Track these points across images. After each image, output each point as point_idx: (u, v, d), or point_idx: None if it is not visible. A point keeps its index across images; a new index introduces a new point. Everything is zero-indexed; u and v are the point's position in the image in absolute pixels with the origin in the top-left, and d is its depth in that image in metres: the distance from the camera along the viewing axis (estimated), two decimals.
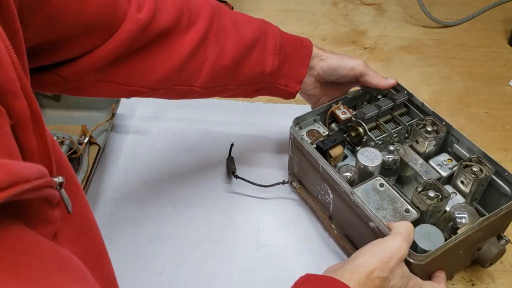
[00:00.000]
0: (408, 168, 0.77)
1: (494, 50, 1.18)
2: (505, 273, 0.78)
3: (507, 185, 0.71)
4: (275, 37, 0.72)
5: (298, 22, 1.29)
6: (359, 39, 1.23)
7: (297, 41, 0.75)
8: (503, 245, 0.72)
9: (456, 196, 0.73)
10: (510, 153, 0.95)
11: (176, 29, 0.64)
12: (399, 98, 0.82)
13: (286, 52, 0.73)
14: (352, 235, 0.74)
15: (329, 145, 0.75)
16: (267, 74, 0.72)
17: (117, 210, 0.87)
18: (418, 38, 1.23)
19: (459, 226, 0.67)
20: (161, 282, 0.77)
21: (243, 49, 0.69)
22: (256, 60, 0.70)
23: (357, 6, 1.34)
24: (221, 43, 0.68)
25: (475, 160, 0.73)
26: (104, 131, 0.94)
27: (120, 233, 0.83)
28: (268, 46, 0.71)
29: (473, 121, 1.02)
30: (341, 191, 0.71)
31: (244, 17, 0.73)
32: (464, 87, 1.09)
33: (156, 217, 0.86)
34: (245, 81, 0.73)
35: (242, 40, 0.69)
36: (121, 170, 0.93)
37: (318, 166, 0.74)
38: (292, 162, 0.83)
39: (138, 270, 0.79)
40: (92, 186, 0.90)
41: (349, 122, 0.80)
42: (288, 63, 0.73)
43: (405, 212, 0.68)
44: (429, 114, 0.80)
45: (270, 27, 0.73)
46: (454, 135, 0.77)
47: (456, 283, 0.77)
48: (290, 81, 0.74)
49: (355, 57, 0.79)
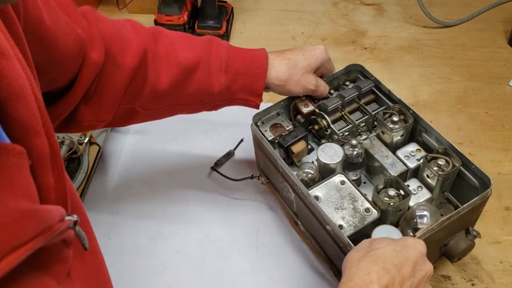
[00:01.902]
0: (375, 159, 0.74)
1: (494, 50, 1.18)
2: (505, 273, 0.78)
3: (475, 177, 0.69)
4: (220, 56, 0.71)
5: (298, 22, 1.29)
6: (359, 39, 1.23)
7: (249, 55, 0.73)
8: (471, 239, 0.69)
9: (422, 190, 0.70)
10: (510, 153, 0.95)
11: (109, 61, 0.64)
12: (365, 85, 0.79)
13: (237, 68, 0.71)
14: (315, 234, 0.73)
15: (290, 141, 0.73)
16: (218, 93, 0.72)
17: (117, 210, 0.87)
18: (418, 38, 1.23)
19: (419, 226, 0.65)
20: (161, 282, 0.77)
21: (182, 72, 0.69)
22: (199, 81, 0.70)
23: (357, 6, 1.34)
24: (158, 68, 0.68)
25: (442, 152, 0.70)
26: (104, 131, 0.94)
27: (120, 233, 0.83)
28: (212, 66, 0.70)
29: (473, 121, 1.02)
30: (299, 192, 0.69)
31: (185, 40, 0.72)
32: (464, 87, 1.09)
33: (156, 217, 0.86)
34: (193, 100, 0.72)
35: (181, 63, 0.69)
36: (121, 170, 0.93)
37: (277, 165, 0.72)
38: (257, 156, 0.81)
39: (138, 270, 0.79)
40: (92, 186, 0.90)
41: (313, 115, 0.78)
42: (241, 78, 0.72)
43: (365, 212, 0.66)
44: (396, 102, 0.77)
45: (214, 47, 0.72)
46: (422, 125, 0.75)
47: (456, 283, 0.77)
48: (248, 95, 0.73)
49: (302, 74, 0.75)
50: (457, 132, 0.99)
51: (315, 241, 0.74)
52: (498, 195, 0.88)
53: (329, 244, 0.68)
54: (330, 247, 0.69)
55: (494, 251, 0.81)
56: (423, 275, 0.55)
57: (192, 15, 1.23)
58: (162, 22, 1.19)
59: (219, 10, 1.20)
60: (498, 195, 0.88)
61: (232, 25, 1.27)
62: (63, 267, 0.38)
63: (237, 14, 1.30)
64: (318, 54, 0.76)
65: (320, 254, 0.77)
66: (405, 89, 1.09)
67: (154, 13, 1.21)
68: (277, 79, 0.73)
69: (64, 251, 0.37)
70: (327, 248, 0.72)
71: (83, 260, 0.44)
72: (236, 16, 1.30)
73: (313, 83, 0.75)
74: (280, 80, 0.73)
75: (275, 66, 0.73)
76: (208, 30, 1.19)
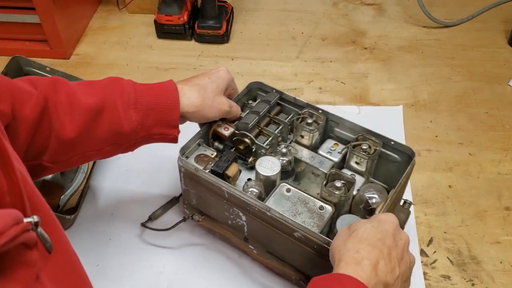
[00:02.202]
0: (301, 163, 0.76)
1: (494, 50, 1.18)
2: (504, 273, 0.78)
3: (395, 152, 0.75)
4: (126, 94, 0.68)
5: (298, 22, 1.29)
6: (359, 39, 1.23)
7: (157, 88, 0.71)
8: (407, 208, 0.75)
9: (356, 177, 0.74)
10: (510, 153, 0.95)
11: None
12: (272, 98, 0.81)
13: (147, 103, 0.69)
14: (275, 250, 0.73)
15: (224, 166, 0.72)
16: (131, 132, 0.68)
17: (117, 210, 0.87)
18: (418, 38, 1.23)
19: (373, 206, 0.69)
20: (161, 282, 0.78)
21: (88, 117, 0.65)
22: (108, 122, 0.67)
23: (357, 6, 1.34)
24: (61, 117, 0.64)
25: (361, 139, 0.75)
26: None
27: (120, 233, 0.83)
28: (119, 105, 0.67)
29: (473, 121, 1.02)
30: (255, 211, 0.68)
31: (86, 85, 0.69)
32: (464, 87, 1.09)
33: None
34: (106, 144, 0.69)
35: (85, 108, 0.65)
36: (121, 170, 0.93)
37: (222, 192, 0.70)
38: (187, 195, 0.78)
39: (138, 270, 0.79)
40: (92, 186, 0.90)
41: (234, 136, 0.78)
42: (153, 113, 0.69)
43: (320, 210, 0.68)
44: (303, 107, 0.80)
45: (118, 86, 0.69)
46: (333, 120, 0.79)
47: (456, 283, 0.77)
48: (164, 129, 0.70)
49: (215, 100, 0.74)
50: (457, 132, 0.99)
51: (275, 258, 0.74)
52: (498, 195, 0.88)
53: (297, 253, 0.68)
54: (298, 256, 0.69)
55: (494, 251, 0.81)
56: (403, 244, 0.59)
57: (192, 15, 1.23)
58: (162, 22, 1.19)
59: (219, 10, 1.20)
60: (498, 195, 0.88)
61: (232, 25, 1.27)
62: (29, 271, 0.36)
63: (237, 14, 1.30)
64: (223, 76, 0.76)
65: (280, 269, 0.75)
66: (405, 89, 1.09)
67: (154, 13, 1.21)
68: (191, 106, 0.71)
69: (27, 255, 0.36)
70: (293, 258, 0.71)
71: (54, 262, 0.42)
72: (236, 16, 1.30)
73: (226, 104, 0.75)
74: (194, 107, 0.71)
75: (185, 94, 0.71)
76: (208, 30, 1.19)
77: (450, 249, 0.81)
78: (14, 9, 1.13)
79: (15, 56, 0.93)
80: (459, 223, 0.85)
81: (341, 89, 1.10)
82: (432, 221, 0.85)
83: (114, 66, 1.17)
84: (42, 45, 1.18)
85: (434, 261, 0.80)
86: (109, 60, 1.19)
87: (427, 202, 0.88)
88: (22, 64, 0.94)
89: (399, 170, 0.75)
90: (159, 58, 1.19)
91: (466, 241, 0.82)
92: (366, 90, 1.09)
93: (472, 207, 0.87)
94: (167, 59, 1.18)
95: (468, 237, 0.83)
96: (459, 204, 0.87)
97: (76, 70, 1.15)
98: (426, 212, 0.86)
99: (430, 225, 0.84)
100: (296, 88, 1.10)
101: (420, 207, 0.87)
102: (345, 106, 1.05)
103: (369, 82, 1.11)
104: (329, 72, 1.14)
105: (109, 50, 1.21)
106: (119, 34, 1.25)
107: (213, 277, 0.78)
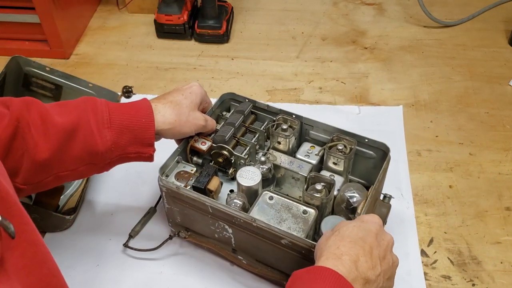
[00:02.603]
0: (281, 169, 0.77)
1: (494, 50, 1.18)
2: (505, 273, 0.78)
3: (371, 149, 0.76)
4: (100, 113, 0.67)
5: (298, 22, 1.29)
6: (359, 39, 1.23)
7: (131, 107, 0.70)
8: (388, 202, 0.77)
9: (334, 177, 0.75)
10: (510, 153, 0.95)
11: None
12: (245, 108, 0.81)
13: (121, 122, 0.68)
14: (265, 258, 0.73)
15: (205, 181, 0.72)
16: (105, 151, 0.67)
17: (117, 210, 0.87)
18: (419, 38, 1.23)
19: (355, 205, 0.70)
20: (161, 282, 0.77)
21: (62, 137, 0.65)
22: (82, 142, 0.66)
23: (357, 6, 1.34)
24: (35, 137, 0.63)
25: (336, 139, 0.76)
26: None
27: (120, 233, 0.83)
28: (93, 124, 0.66)
29: (473, 121, 1.01)
30: (240, 223, 0.68)
31: (59, 105, 0.68)
32: (464, 87, 1.09)
33: (156, 216, 0.86)
34: (80, 164, 0.68)
35: (59, 127, 0.65)
36: (121, 170, 0.93)
37: (206, 207, 0.70)
38: (171, 213, 0.78)
39: (138, 270, 0.79)
40: (92, 186, 0.90)
41: (212, 150, 0.77)
42: (128, 132, 0.68)
43: (303, 214, 0.69)
44: (277, 113, 0.80)
45: (91, 105, 0.68)
46: (307, 123, 0.79)
47: (456, 283, 0.77)
48: (139, 148, 0.70)
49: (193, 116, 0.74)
50: (457, 132, 0.99)
51: (264, 266, 0.74)
52: (498, 195, 0.88)
53: (286, 259, 0.69)
54: (287, 262, 0.69)
55: (495, 251, 0.80)
56: (386, 244, 0.60)
57: (192, 14, 1.22)
58: (162, 21, 1.19)
59: (219, 9, 1.20)
60: (498, 195, 0.88)
61: (232, 25, 1.27)
62: None
63: (237, 14, 1.30)
64: (197, 91, 0.76)
65: (270, 276, 0.75)
66: (405, 89, 1.09)
67: (154, 13, 1.21)
68: (166, 123, 0.71)
69: None
70: (283, 265, 0.71)
71: (21, 252, 0.43)
72: (236, 16, 1.29)
73: (202, 118, 0.75)
74: (169, 124, 0.71)
75: (160, 111, 0.71)
76: (208, 30, 1.19)
77: (450, 249, 0.81)
78: (14, 9, 1.13)
79: (15, 56, 0.93)
80: (460, 223, 0.84)
81: (341, 89, 1.09)
82: (432, 221, 0.85)
83: (113, 66, 1.16)
84: (42, 45, 1.18)
85: (435, 261, 0.80)
86: (109, 60, 1.18)
87: (427, 202, 0.87)
88: (22, 64, 0.94)
89: (375, 166, 0.77)
90: (159, 58, 1.18)
91: (467, 241, 0.82)
92: (366, 90, 1.09)
93: (473, 207, 0.87)
94: (167, 59, 1.18)
95: (468, 237, 0.83)
96: (460, 204, 0.87)
97: (76, 70, 1.15)
98: (426, 212, 0.86)
99: (430, 225, 0.84)
100: (296, 88, 1.10)
101: (420, 207, 0.87)
102: (345, 106, 1.05)
103: (369, 82, 1.11)
104: (329, 72, 1.14)
105: (109, 50, 1.21)
106: (119, 34, 1.25)
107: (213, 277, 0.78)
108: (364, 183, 0.79)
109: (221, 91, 0.98)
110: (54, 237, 0.83)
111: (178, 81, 1.12)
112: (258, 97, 0.83)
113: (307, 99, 1.07)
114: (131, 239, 0.82)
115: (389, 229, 0.80)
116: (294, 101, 1.06)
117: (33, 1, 1.08)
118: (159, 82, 1.12)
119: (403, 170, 0.92)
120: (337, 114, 1.03)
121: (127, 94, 0.92)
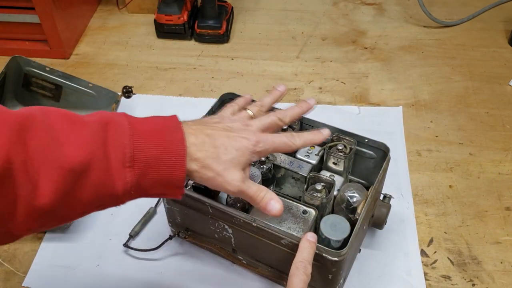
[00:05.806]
0: (281, 169, 0.77)
1: (494, 50, 1.18)
2: (505, 273, 0.78)
3: (371, 149, 0.77)
4: (122, 146, 0.52)
5: (298, 22, 1.29)
6: (359, 39, 1.23)
7: (161, 139, 0.55)
8: (388, 202, 0.77)
9: (334, 177, 0.75)
10: (510, 153, 0.95)
11: None
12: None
13: (147, 159, 0.53)
14: (264, 258, 0.73)
15: None
16: (123, 194, 0.54)
17: (117, 210, 0.87)
18: (418, 38, 1.23)
19: (354, 205, 0.70)
20: (161, 282, 0.77)
21: (69, 177, 0.49)
22: (95, 185, 0.51)
23: (357, 6, 1.34)
24: (33, 177, 0.48)
25: (336, 139, 0.76)
26: None
27: (120, 233, 0.83)
28: (111, 161, 0.52)
29: (473, 121, 1.01)
30: (240, 223, 0.68)
31: (71, 125, 0.52)
32: (464, 87, 1.09)
33: (156, 216, 0.86)
34: (91, 208, 0.54)
35: (66, 165, 0.49)
36: None
37: (206, 207, 0.70)
38: (171, 213, 0.77)
39: (138, 270, 0.79)
40: None
41: None
42: (153, 170, 0.54)
43: (303, 214, 0.69)
44: None
45: (111, 133, 0.53)
46: (307, 123, 0.80)
47: (456, 284, 0.77)
48: (166, 189, 0.56)
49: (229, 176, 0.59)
50: (457, 132, 0.99)
51: (264, 266, 0.74)
52: (498, 195, 0.88)
53: (286, 259, 0.68)
54: (287, 262, 0.67)
55: (495, 251, 0.81)
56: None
57: (192, 14, 1.23)
58: (162, 21, 1.19)
59: (219, 9, 1.20)
60: (498, 195, 0.88)
61: (232, 25, 1.27)
62: None
63: (237, 14, 1.30)
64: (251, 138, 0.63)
65: (271, 276, 0.75)
66: (405, 89, 1.09)
67: (154, 13, 1.21)
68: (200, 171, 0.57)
69: None
70: (283, 264, 0.71)
71: None
72: (236, 16, 1.29)
73: (236, 185, 0.63)
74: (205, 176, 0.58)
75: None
76: (208, 30, 1.19)
77: (450, 249, 0.81)
78: (14, 9, 1.13)
79: (15, 56, 0.93)
80: (460, 223, 0.85)
81: (341, 89, 1.09)
82: (432, 221, 0.85)
83: (114, 66, 1.17)
84: (41, 45, 1.18)
85: (435, 261, 0.80)
86: (109, 60, 1.18)
87: (427, 202, 0.88)
88: (22, 64, 0.94)
89: (375, 166, 0.77)
90: (159, 58, 1.18)
91: (467, 241, 0.82)
92: (366, 90, 1.09)
93: (473, 207, 0.87)
94: (167, 59, 1.18)
95: (468, 237, 0.83)
96: (460, 204, 0.87)
97: (76, 70, 1.15)
98: (426, 212, 0.86)
99: (430, 225, 0.84)
100: (296, 88, 1.10)
101: (420, 207, 0.87)
102: (345, 106, 1.05)
103: (369, 82, 1.11)
104: (329, 72, 1.14)
105: (109, 50, 1.21)
106: (119, 34, 1.25)
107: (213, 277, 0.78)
108: (364, 183, 0.79)
109: (221, 91, 0.98)
110: (54, 237, 0.83)
111: (178, 81, 1.12)
112: (258, 97, 0.82)
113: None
114: (131, 239, 0.82)
115: (389, 229, 0.81)
116: (294, 101, 1.06)
117: (33, 1, 1.08)
118: (159, 82, 1.12)
119: (403, 170, 0.92)
120: (337, 114, 1.03)
121: (127, 94, 0.93)
